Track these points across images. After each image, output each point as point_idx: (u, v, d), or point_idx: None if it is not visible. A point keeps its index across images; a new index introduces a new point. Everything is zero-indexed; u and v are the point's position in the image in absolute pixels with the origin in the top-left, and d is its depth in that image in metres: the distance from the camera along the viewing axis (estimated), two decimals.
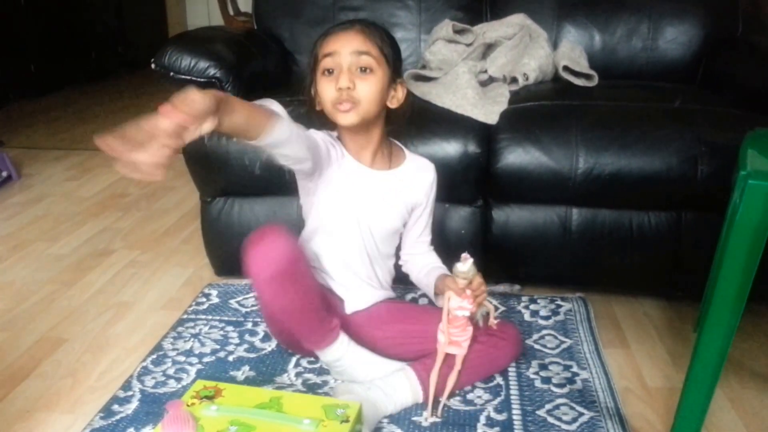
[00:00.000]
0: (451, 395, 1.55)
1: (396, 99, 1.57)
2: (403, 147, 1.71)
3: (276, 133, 1.30)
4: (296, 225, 1.71)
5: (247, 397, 1.34)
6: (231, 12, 4.73)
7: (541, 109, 1.96)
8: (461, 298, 1.46)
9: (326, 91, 1.50)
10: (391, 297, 1.74)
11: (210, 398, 1.34)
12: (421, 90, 2.04)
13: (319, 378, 1.65)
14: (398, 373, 1.54)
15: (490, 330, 1.58)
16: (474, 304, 1.46)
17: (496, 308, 1.95)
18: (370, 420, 1.43)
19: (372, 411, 1.45)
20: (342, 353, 1.55)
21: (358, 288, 1.66)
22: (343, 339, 1.55)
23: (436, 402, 1.52)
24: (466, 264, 1.46)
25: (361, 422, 1.36)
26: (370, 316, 1.66)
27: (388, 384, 1.51)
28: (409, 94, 1.62)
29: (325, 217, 1.61)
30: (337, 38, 1.49)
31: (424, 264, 1.73)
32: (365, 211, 1.60)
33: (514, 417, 1.51)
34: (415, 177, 1.67)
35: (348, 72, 1.47)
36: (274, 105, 1.38)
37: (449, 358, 1.52)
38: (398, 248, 1.75)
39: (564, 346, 1.79)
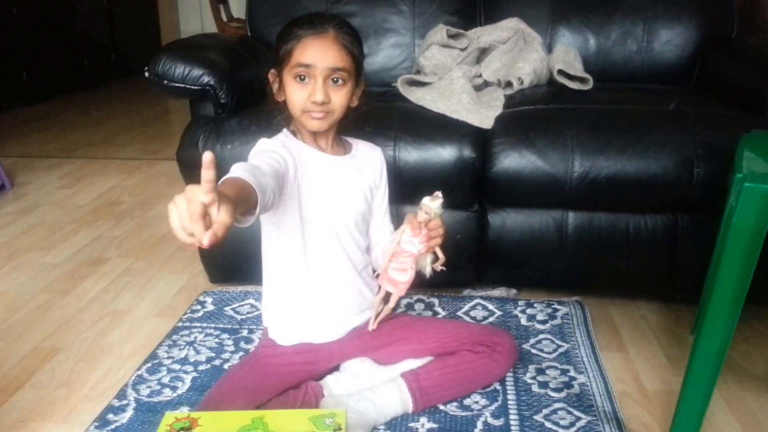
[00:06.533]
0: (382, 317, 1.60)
1: (356, 97, 1.55)
2: (346, 137, 1.67)
3: (264, 205, 1.23)
4: None
5: (227, 422, 1.27)
6: (224, 18, 4.73)
7: (536, 113, 1.95)
8: (414, 234, 1.45)
9: (296, 96, 1.47)
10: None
11: (187, 430, 1.25)
12: (416, 95, 2.03)
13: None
14: (389, 384, 1.53)
15: (485, 341, 1.58)
16: (425, 246, 1.46)
17: (493, 313, 1.95)
18: (360, 430, 1.42)
19: (362, 422, 1.44)
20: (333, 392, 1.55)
21: (346, 312, 1.62)
22: (327, 383, 1.56)
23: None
24: (434, 201, 1.44)
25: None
26: (360, 340, 1.62)
27: (378, 395, 1.50)
28: (366, 88, 1.60)
29: (305, 216, 1.52)
30: (313, 48, 1.44)
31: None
32: (336, 197, 1.56)
33: (512, 422, 1.50)
34: (367, 157, 1.65)
35: (323, 85, 1.45)
36: (242, 173, 1.23)
37: (449, 358, 1.53)
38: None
39: (561, 350, 1.78)
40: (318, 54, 1.44)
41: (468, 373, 1.56)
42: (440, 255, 1.51)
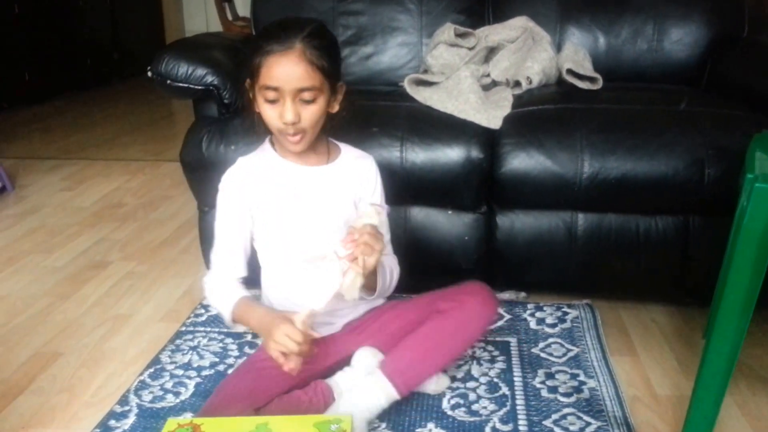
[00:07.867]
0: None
1: (336, 102, 1.52)
2: (338, 142, 1.65)
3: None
4: None
5: (230, 429, 1.26)
6: (229, 17, 4.73)
7: (544, 113, 1.94)
8: (344, 238, 1.36)
9: (269, 116, 1.45)
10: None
11: None
12: (423, 95, 2.02)
13: None
14: (367, 377, 1.50)
15: (450, 298, 1.54)
16: (349, 256, 1.34)
17: (501, 317, 1.92)
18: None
19: (355, 422, 1.41)
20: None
21: (335, 311, 1.60)
22: (336, 381, 1.54)
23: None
24: (370, 206, 1.41)
25: None
26: (352, 333, 1.62)
27: (355, 394, 1.48)
28: (348, 91, 1.56)
29: (280, 229, 1.55)
30: (278, 68, 1.40)
31: None
32: (312, 207, 1.55)
33: (521, 428, 1.48)
34: (353, 166, 1.62)
35: (292, 104, 1.42)
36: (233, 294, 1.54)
37: (418, 329, 1.51)
38: None
39: (571, 354, 1.77)
40: (283, 75, 1.40)
41: (439, 335, 1.51)
42: (359, 269, 1.35)
